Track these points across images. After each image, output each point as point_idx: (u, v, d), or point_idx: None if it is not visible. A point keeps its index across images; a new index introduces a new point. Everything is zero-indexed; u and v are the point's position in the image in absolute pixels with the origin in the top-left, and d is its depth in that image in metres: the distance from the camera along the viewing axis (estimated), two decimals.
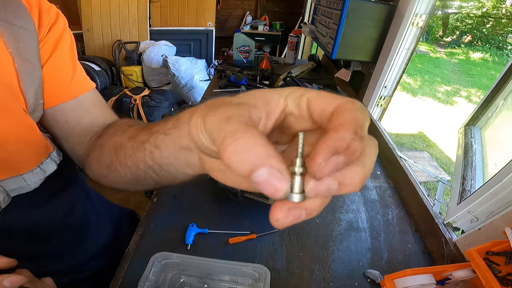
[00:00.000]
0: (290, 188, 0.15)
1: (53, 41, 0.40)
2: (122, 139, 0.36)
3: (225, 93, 1.41)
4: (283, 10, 4.02)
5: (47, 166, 0.41)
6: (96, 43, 3.20)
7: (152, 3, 3.25)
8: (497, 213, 0.52)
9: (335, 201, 0.78)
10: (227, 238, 0.64)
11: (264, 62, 1.63)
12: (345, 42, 1.08)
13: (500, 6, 7.35)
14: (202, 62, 3.25)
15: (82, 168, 0.45)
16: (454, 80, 5.66)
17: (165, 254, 0.53)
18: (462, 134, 0.94)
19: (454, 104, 4.59)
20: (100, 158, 0.39)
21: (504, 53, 7.07)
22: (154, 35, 3.32)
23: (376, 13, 1.04)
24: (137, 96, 2.76)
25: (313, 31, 1.49)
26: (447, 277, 0.48)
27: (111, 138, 0.38)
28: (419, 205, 0.72)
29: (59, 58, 0.40)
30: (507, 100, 0.82)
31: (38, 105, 0.39)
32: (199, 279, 0.55)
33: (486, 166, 0.80)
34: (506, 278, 0.40)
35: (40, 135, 0.40)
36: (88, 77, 0.45)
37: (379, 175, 0.90)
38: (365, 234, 0.69)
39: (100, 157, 0.39)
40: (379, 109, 1.23)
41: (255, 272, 0.51)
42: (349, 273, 0.59)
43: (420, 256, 0.64)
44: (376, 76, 1.14)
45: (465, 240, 0.56)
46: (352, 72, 1.38)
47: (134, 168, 0.33)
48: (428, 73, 5.89)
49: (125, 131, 0.37)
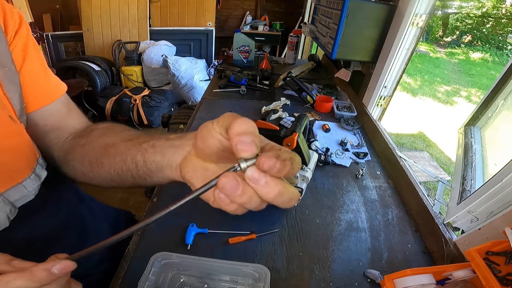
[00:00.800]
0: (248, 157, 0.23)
1: (22, 46, 0.39)
2: (115, 140, 0.40)
3: (225, 93, 1.41)
4: (283, 10, 4.02)
5: (40, 171, 0.42)
6: (96, 43, 3.20)
7: (152, 3, 3.25)
8: (497, 213, 0.52)
9: (335, 201, 0.78)
10: (227, 238, 0.64)
11: (264, 62, 1.63)
12: (345, 42, 1.08)
13: (500, 6, 7.35)
14: (202, 62, 3.25)
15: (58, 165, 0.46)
16: (454, 80, 5.66)
17: (165, 254, 0.53)
18: (462, 134, 0.94)
19: (454, 104, 4.59)
20: (83, 156, 0.41)
21: (504, 53, 7.07)
22: (154, 35, 3.32)
23: (376, 13, 1.04)
24: (137, 96, 2.76)
25: (313, 31, 1.49)
26: (447, 277, 0.48)
27: (100, 138, 0.42)
28: (419, 205, 0.72)
29: (31, 62, 0.41)
30: (507, 100, 0.82)
31: (23, 109, 0.40)
32: (199, 279, 0.55)
33: (486, 166, 0.80)
34: (506, 278, 0.40)
35: (29, 140, 0.41)
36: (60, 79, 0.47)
37: (379, 175, 0.90)
38: (365, 234, 0.69)
39: (83, 155, 0.41)
40: (379, 109, 1.23)
41: (255, 272, 0.51)
42: (349, 273, 0.59)
43: (420, 256, 0.64)
44: (376, 76, 1.15)
45: (465, 240, 0.56)
46: (352, 72, 1.38)
47: (120, 163, 0.38)
48: (428, 73, 5.90)
49: (118, 133, 0.42)
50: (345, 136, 1.04)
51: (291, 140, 0.58)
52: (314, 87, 1.48)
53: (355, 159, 0.95)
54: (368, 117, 1.14)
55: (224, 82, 1.46)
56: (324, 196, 0.79)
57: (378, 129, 1.04)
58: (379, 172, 0.91)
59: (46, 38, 3.09)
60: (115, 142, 0.40)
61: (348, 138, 1.03)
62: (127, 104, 2.74)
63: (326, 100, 1.25)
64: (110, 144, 0.40)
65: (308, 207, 0.75)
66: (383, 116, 1.26)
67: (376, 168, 0.93)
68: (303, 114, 0.66)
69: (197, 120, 1.14)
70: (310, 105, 1.30)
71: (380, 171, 0.92)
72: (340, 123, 1.16)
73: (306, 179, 0.65)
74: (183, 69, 2.96)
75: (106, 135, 0.42)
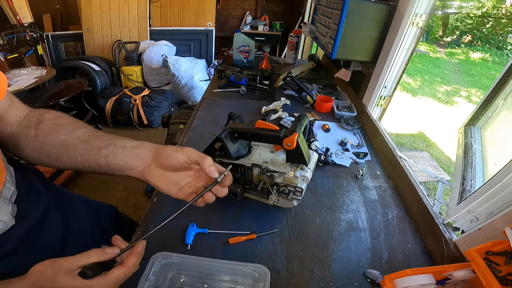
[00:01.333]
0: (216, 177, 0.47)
1: None
2: (71, 140, 0.47)
3: (225, 93, 1.41)
4: (283, 10, 4.02)
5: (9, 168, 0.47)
6: (96, 43, 3.20)
7: (152, 3, 3.25)
8: (497, 213, 0.52)
9: (335, 201, 0.78)
10: (227, 238, 0.64)
11: (264, 62, 1.63)
12: (345, 42, 1.08)
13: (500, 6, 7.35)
14: (202, 62, 3.25)
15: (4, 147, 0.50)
16: (454, 80, 5.66)
17: (165, 254, 0.53)
18: (462, 134, 0.94)
19: (454, 104, 4.59)
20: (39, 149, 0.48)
21: (504, 53, 7.07)
22: (154, 35, 3.32)
23: (376, 13, 1.04)
24: (137, 96, 2.76)
25: (313, 31, 1.49)
26: (447, 277, 0.48)
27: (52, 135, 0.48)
28: (419, 205, 0.72)
29: None
30: (507, 100, 0.82)
31: None
32: (199, 279, 0.55)
33: (486, 166, 0.80)
34: (506, 278, 0.40)
35: None
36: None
37: (379, 175, 0.90)
38: (365, 234, 0.69)
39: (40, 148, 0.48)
40: (379, 109, 1.23)
41: (255, 272, 0.51)
42: (349, 273, 0.59)
43: (420, 256, 0.64)
44: (376, 76, 1.15)
45: (465, 240, 0.56)
46: (352, 72, 1.38)
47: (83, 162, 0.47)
48: (428, 73, 5.89)
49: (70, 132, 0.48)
50: (345, 136, 1.04)
51: (291, 140, 0.58)
52: (314, 87, 1.48)
53: (355, 159, 0.95)
54: (368, 117, 1.15)
55: (224, 82, 1.46)
56: (324, 196, 0.79)
57: (378, 129, 1.04)
58: (379, 172, 0.91)
59: (46, 38, 3.09)
60: (71, 142, 0.47)
61: (348, 138, 1.03)
62: (127, 104, 2.74)
63: (326, 100, 1.25)
64: (66, 144, 0.47)
65: (308, 207, 0.75)
66: (383, 116, 1.26)
67: (376, 168, 0.93)
68: (303, 114, 0.65)
69: (197, 120, 1.14)
70: (310, 105, 1.30)
71: (380, 171, 0.92)
72: (340, 123, 1.16)
73: (306, 179, 0.65)
74: (183, 69, 2.96)
75: (58, 131, 0.48)
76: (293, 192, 0.66)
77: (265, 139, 0.63)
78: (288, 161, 0.65)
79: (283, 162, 0.66)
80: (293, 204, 0.70)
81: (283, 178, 0.65)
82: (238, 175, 0.69)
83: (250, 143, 0.72)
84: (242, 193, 0.74)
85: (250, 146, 0.72)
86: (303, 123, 0.63)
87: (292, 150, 0.59)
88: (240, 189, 0.71)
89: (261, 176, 0.67)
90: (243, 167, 0.68)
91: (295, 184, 0.64)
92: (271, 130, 0.61)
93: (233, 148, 0.65)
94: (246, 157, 0.68)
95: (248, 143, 0.71)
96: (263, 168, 0.66)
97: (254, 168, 0.67)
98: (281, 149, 0.69)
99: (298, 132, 0.59)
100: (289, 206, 0.72)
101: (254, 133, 0.62)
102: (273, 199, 0.72)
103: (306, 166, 0.64)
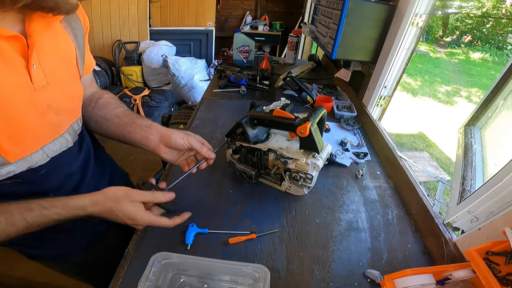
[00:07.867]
0: None
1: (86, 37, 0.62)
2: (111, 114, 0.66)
3: (225, 93, 1.41)
4: (283, 10, 4.02)
5: None
6: (96, 43, 3.20)
7: (152, 3, 3.25)
8: (497, 213, 0.52)
9: (335, 201, 0.78)
10: (227, 238, 0.64)
11: (264, 62, 1.63)
12: (345, 42, 1.08)
13: (500, 6, 7.35)
14: (202, 62, 3.25)
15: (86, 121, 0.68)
16: (454, 80, 5.66)
17: (165, 254, 0.53)
18: (462, 134, 0.94)
19: (454, 104, 4.59)
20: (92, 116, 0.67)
21: (504, 53, 7.08)
22: (154, 35, 3.32)
23: (376, 13, 1.04)
24: (137, 96, 2.76)
25: (313, 31, 1.49)
26: (447, 277, 0.48)
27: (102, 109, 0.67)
28: (419, 205, 0.72)
29: (87, 48, 0.62)
30: (507, 100, 0.82)
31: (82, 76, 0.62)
32: (199, 279, 0.55)
33: (486, 166, 0.80)
34: (506, 278, 0.40)
35: None
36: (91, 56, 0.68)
37: (379, 175, 0.90)
38: (365, 234, 0.69)
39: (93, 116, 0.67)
40: (379, 109, 1.23)
41: (255, 272, 0.51)
42: (349, 273, 0.59)
43: (420, 256, 0.64)
44: (376, 76, 1.15)
45: (465, 240, 0.56)
46: (352, 72, 1.38)
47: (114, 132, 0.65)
48: (428, 73, 5.90)
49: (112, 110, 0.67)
50: (345, 136, 1.04)
51: (304, 128, 0.62)
52: (314, 87, 1.48)
53: (355, 159, 0.95)
54: (368, 117, 1.15)
55: (224, 82, 1.46)
56: (324, 196, 0.79)
57: (378, 129, 1.04)
58: (379, 172, 0.91)
59: None
60: (111, 117, 0.66)
61: (348, 138, 1.03)
62: (127, 104, 2.74)
63: (326, 100, 1.25)
64: (108, 117, 0.66)
65: (308, 207, 0.75)
66: (383, 116, 1.26)
67: (376, 168, 0.93)
68: (320, 106, 0.69)
69: (197, 120, 1.14)
70: (310, 105, 1.30)
71: (380, 171, 0.92)
72: (340, 123, 1.16)
73: (317, 167, 0.67)
74: (183, 69, 2.96)
75: (106, 107, 0.67)
76: (303, 179, 0.70)
77: (281, 126, 0.69)
78: (302, 148, 0.69)
79: (297, 150, 0.71)
80: (303, 192, 0.74)
81: (295, 165, 0.69)
82: (255, 159, 0.74)
83: (269, 130, 0.77)
84: (257, 176, 0.78)
85: (268, 133, 0.77)
86: (318, 114, 0.66)
87: (305, 137, 0.63)
88: (256, 172, 0.76)
89: (275, 161, 0.72)
90: (260, 152, 0.73)
91: (306, 170, 0.68)
92: (287, 118, 0.65)
93: (252, 133, 0.72)
94: (263, 142, 0.74)
95: (267, 130, 0.76)
96: (278, 154, 0.71)
97: (270, 153, 0.73)
98: (296, 137, 0.74)
99: (312, 121, 0.63)
100: (300, 194, 0.76)
101: (271, 120, 0.68)
102: (286, 185, 0.77)
103: (318, 154, 0.68)
